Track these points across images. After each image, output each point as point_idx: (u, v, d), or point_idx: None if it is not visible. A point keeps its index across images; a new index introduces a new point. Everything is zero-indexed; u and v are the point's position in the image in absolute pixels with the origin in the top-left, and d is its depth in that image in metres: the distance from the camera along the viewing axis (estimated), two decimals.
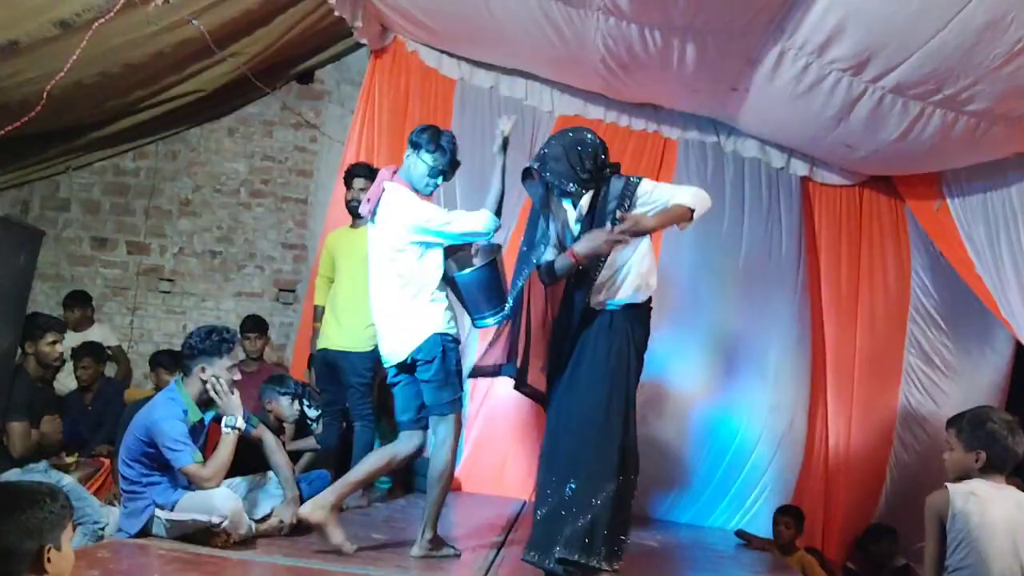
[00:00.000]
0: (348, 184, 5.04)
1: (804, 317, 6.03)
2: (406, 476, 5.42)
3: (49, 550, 1.95)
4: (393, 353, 3.61)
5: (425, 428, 3.65)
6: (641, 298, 3.58)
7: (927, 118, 4.76)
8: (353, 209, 4.90)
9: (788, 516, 5.30)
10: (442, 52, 6.13)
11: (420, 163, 3.65)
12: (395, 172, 3.72)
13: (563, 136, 3.52)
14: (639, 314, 3.59)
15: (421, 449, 3.68)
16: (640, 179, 3.52)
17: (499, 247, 3.87)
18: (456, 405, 3.59)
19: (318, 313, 5.09)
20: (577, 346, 3.53)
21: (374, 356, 4.83)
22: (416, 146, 3.67)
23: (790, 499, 5.65)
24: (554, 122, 6.16)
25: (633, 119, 6.20)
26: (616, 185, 3.50)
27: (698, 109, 6.03)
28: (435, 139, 3.66)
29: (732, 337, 5.90)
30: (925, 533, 3.15)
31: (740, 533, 5.46)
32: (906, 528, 5.54)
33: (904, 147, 5.12)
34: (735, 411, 5.82)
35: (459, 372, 3.60)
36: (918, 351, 6.13)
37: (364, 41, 5.98)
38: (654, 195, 3.48)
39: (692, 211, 3.46)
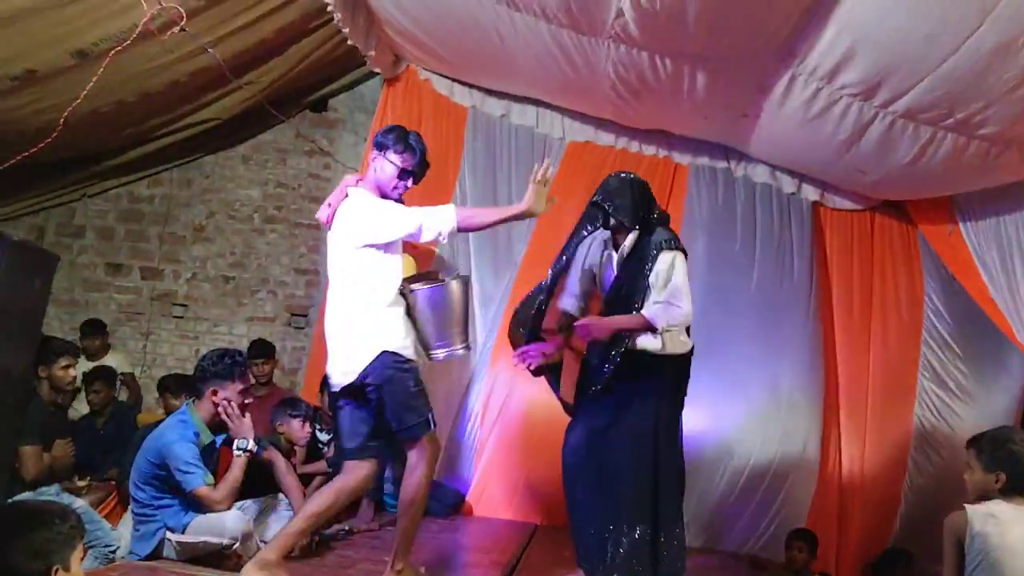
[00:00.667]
0: None
1: (816, 342, 6.00)
2: None
3: (57, 571, 1.94)
4: (340, 373, 3.26)
5: (374, 458, 3.29)
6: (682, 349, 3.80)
7: (939, 142, 4.75)
8: None
9: (801, 540, 5.23)
10: (454, 80, 6.17)
11: (387, 164, 3.36)
12: (360, 180, 3.45)
13: (626, 175, 3.85)
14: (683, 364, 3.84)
15: (370, 478, 3.32)
16: (674, 248, 3.69)
17: (468, 278, 3.56)
18: (423, 428, 3.22)
19: None
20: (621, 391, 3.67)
21: None
22: (382, 147, 3.39)
23: (803, 523, 5.59)
24: (564, 149, 6.19)
25: (644, 145, 6.22)
26: (659, 236, 3.71)
27: (709, 135, 6.04)
28: (402, 138, 3.38)
29: (745, 362, 5.85)
30: (943, 555, 3.10)
31: (754, 559, 5.41)
32: (923, 552, 5.46)
33: (916, 171, 5.10)
34: (748, 436, 5.77)
35: (421, 392, 3.24)
36: (932, 375, 6.07)
37: (377, 69, 6.03)
38: (660, 276, 3.64)
39: (653, 329, 3.63)
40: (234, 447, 3.59)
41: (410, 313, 3.31)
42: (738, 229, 6.11)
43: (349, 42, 5.51)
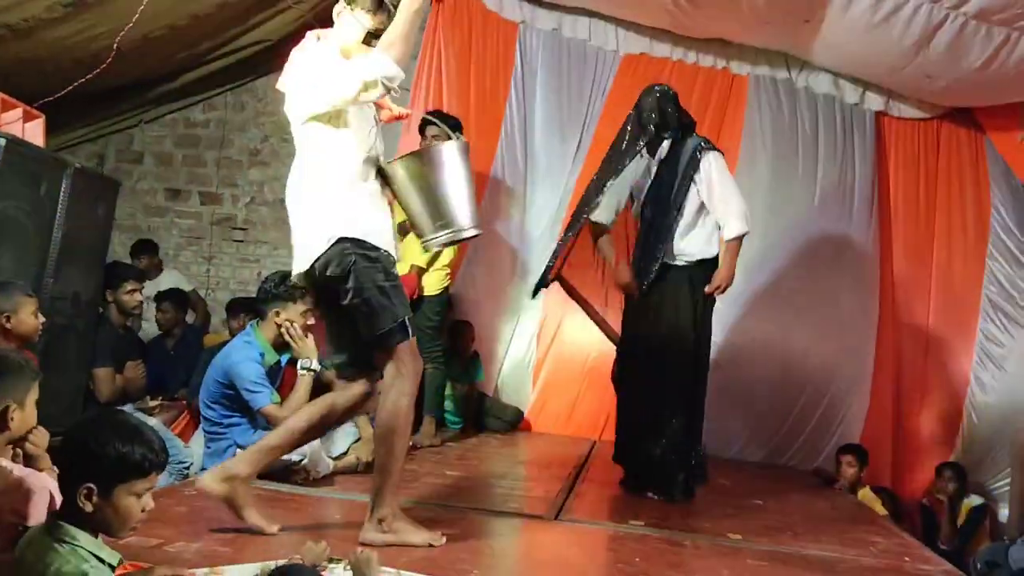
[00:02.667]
0: (422, 133, 4.89)
1: (875, 258, 5.88)
2: (477, 415, 5.47)
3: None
4: (297, 263, 2.73)
5: (365, 373, 2.78)
6: (713, 252, 4.00)
7: (1012, 45, 4.55)
8: None
9: (850, 455, 5.21)
10: None
11: (356, 24, 2.77)
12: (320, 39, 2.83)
13: (659, 88, 4.06)
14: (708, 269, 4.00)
15: (367, 396, 2.81)
16: (712, 151, 3.98)
17: (467, 145, 2.87)
18: (399, 334, 2.62)
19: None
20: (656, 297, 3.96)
21: (442, 299, 4.83)
22: (351, 0, 2.78)
23: (859, 439, 5.55)
24: (619, 61, 6.02)
25: (701, 55, 6.02)
26: (690, 145, 3.98)
27: (769, 43, 5.82)
28: None
29: (805, 278, 5.76)
30: (1011, 470, 3.05)
31: (818, 471, 5.41)
32: (986, 468, 5.41)
33: (987, 76, 4.89)
34: (808, 352, 5.70)
35: (394, 289, 2.65)
36: (998, 288, 5.89)
37: None
38: (706, 189, 3.92)
39: (741, 240, 3.96)
40: (298, 367, 3.64)
41: (396, 195, 2.80)
42: (800, 141, 5.94)
43: None
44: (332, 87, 2.61)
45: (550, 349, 5.82)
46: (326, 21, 6.15)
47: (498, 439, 5.32)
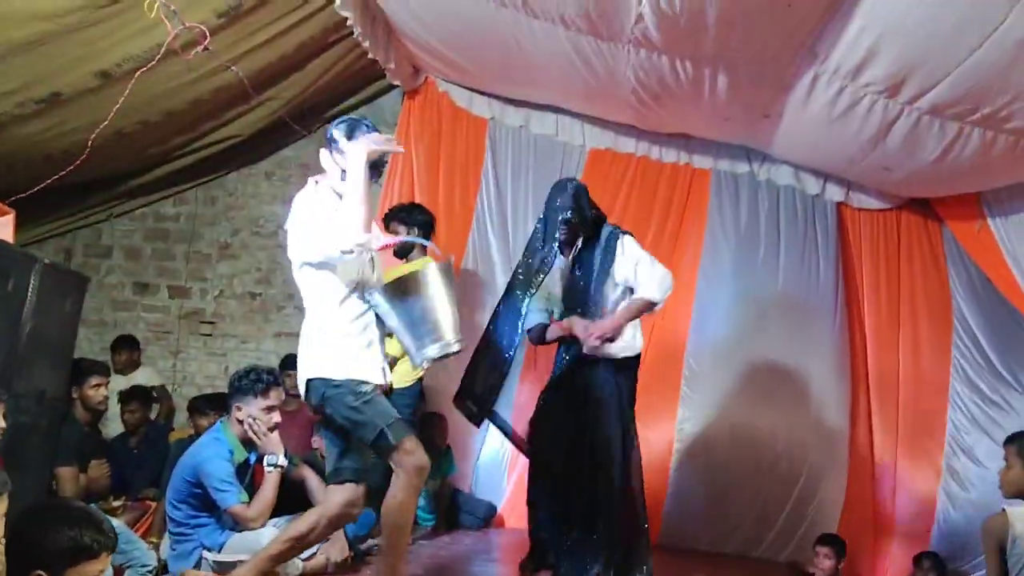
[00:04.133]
0: (387, 226, 4.97)
1: (844, 344, 5.95)
2: (450, 512, 5.38)
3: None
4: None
5: (351, 481, 3.11)
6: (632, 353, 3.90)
7: (966, 138, 4.68)
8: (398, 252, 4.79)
9: (827, 547, 5.14)
10: (473, 91, 6.17)
11: (337, 167, 3.07)
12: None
13: (571, 183, 4.03)
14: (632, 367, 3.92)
15: (353, 503, 3.12)
16: (625, 235, 3.92)
17: (445, 265, 3.12)
18: (383, 441, 2.96)
19: None
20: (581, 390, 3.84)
21: (414, 392, 4.81)
22: (332, 142, 3.08)
23: (836, 527, 5.52)
24: (586, 156, 6.17)
25: (664, 150, 6.18)
26: (603, 235, 3.91)
27: (730, 137, 6.00)
28: (352, 130, 3.06)
29: (772, 367, 5.82)
30: (985, 559, 3.05)
31: (794, 564, 5.35)
32: (962, 559, 5.39)
33: (943, 167, 5.04)
34: (779, 440, 5.72)
35: (366, 405, 2.99)
36: (963, 378, 5.97)
37: (396, 82, 6.04)
38: (628, 265, 3.83)
39: (654, 304, 3.80)
40: (264, 463, 3.59)
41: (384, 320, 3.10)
42: (762, 232, 6.07)
43: (369, 55, 5.52)
44: (318, 247, 2.97)
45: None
46: (296, 117, 6.31)
47: (471, 536, 5.23)
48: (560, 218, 3.87)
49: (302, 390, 3.09)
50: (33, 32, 4.23)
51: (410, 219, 4.77)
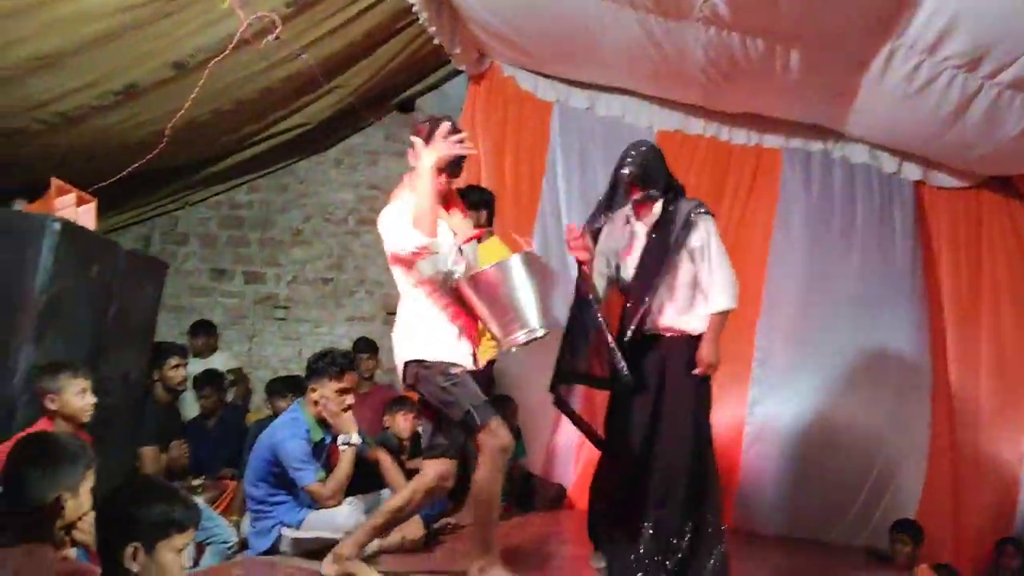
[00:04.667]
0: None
1: (923, 326, 5.79)
2: (521, 495, 5.41)
3: (137, 551, 1.95)
4: None
5: (445, 456, 3.26)
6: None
7: None
8: None
9: (904, 532, 5.05)
10: (538, 75, 6.15)
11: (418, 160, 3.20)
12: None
13: (646, 144, 3.88)
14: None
15: (446, 477, 3.26)
16: (708, 215, 3.72)
17: (528, 255, 3.19)
18: (470, 421, 3.14)
19: None
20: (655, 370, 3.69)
21: (487, 372, 4.84)
22: (413, 143, 3.25)
23: (914, 513, 5.41)
24: (654, 137, 6.10)
25: (734, 130, 6.08)
26: (684, 209, 3.71)
27: (802, 116, 5.87)
28: (431, 131, 3.18)
29: (849, 351, 5.70)
30: None
31: (871, 549, 5.26)
32: None
33: None
34: (855, 425, 5.61)
35: (456, 386, 3.17)
36: None
37: (462, 68, 6.06)
38: (703, 258, 3.66)
39: (728, 313, 3.69)
40: (338, 442, 3.65)
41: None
42: (837, 213, 5.94)
43: (435, 41, 5.55)
44: (393, 245, 3.15)
45: (592, 423, 5.76)
46: (364, 104, 6.36)
47: (541, 518, 5.24)
48: (625, 172, 3.73)
49: (400, 371, 3.26)
50: (109, 26, 4.35)
51: (468, 203, 4.79)
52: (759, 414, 5.60)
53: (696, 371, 3.61)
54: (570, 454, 5.74)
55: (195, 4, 4.48)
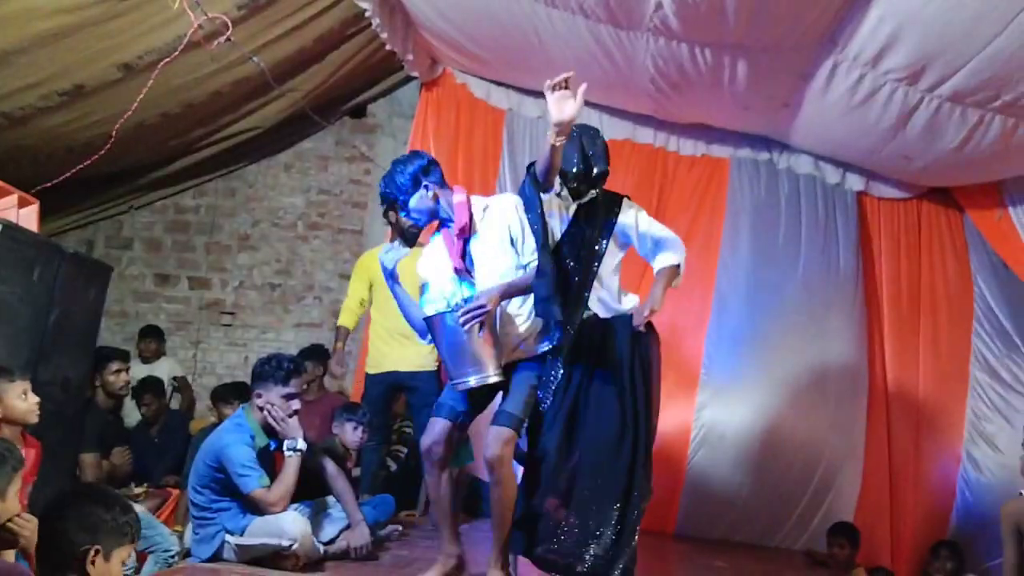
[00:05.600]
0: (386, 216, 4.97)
1: (863, 333, 5.93)
2: (469, 500, 5.39)
3: (97, 553, 1.93)
4: None
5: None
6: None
7: (987, 126, 4.67)
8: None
9: (841, 535, 5.15)
10: (491, 82, 6.19)
11: None
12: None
13: (585, 128, 3.61)
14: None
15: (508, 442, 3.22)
16: (628, 206, 3.51)
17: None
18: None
19: (341, 334, 5.03)
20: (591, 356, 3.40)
21: (432, 375, 4.85)
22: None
23: (852, 517, 5.53)
24: None
25: (683, 140, 6.18)
26: (609, 196, 3.51)
27: (749, 127, 5.99)
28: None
29: (791, 356, 5.82)
30: (1002, 544, 3.06)
31: (809, 552, 5.36)
32: (981, 545, 5.38)
33: (963, 156, 5.02)
34: (796, 430, 5.71)
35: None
36: (984, 366, 5.96)
37: (415, 74, 6.07)
38: (640, 230, 3.48)
39: (679, 267, 3.51)
40: (284, 448, 3.62)
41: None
42: (782, 221, 6.06)
43: (387, 47, 5.55)
44: None
45: None
46: (315, 109, 6.33)
47: (488, 523, 5.24)
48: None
49: None
50: (56, 25, 4.29)
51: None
52: (706, 420, 5.69)
53: (639, 319, 3.37)
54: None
55: (145, 5, 4.43)
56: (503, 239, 3.30)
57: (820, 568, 5.10)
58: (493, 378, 3.14)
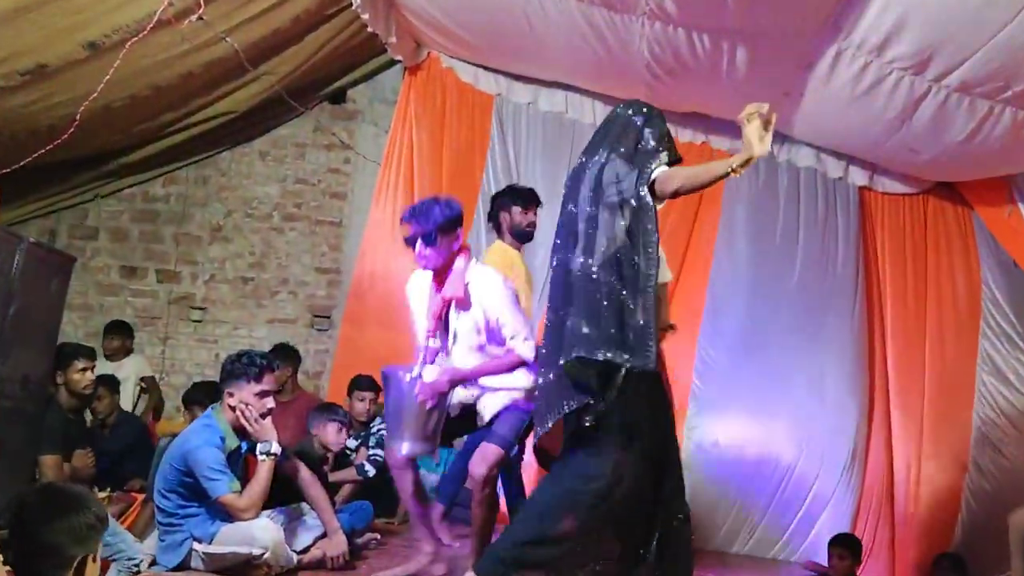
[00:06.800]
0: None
1: (862, 336, 5.94)
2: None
3: (91, 558, 2.00)
4: None
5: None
6: None
7: (996, 117, 4.69)
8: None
9: (841, 547, 5.16)
10: (479, 67, 6.16)
11: None
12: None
13: None
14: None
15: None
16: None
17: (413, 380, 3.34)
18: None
19: None
20: None
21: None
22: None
23: (851, 527, 5.54)
24: None
25: (680, 129, 6.15)
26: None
27: None
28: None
29: (787, 358, 5.82)
30: (1011, 555, 3.05)
31: (810, 564, 5.37)
32: (987, 557, 5.39)
33: (971, 149, 5.04)
34: (793, 437, 5.72)
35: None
36: (991, 368, 5.99)
37: (398, 58, 6.03)
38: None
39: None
40: (257, 451, 3.58)
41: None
42: (780, 216, 6.07)
43: (368, 29, 5.51)
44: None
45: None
46: (292, 94, 6.28)
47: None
48: None
49: None
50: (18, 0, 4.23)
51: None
52: (698, 425, 5.69)
53: None
54: None
55: None
56: (477, 321, 3.37)
57: None
58: (426, 453, 3.42)
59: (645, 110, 3.35)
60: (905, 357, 6.02)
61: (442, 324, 3.44)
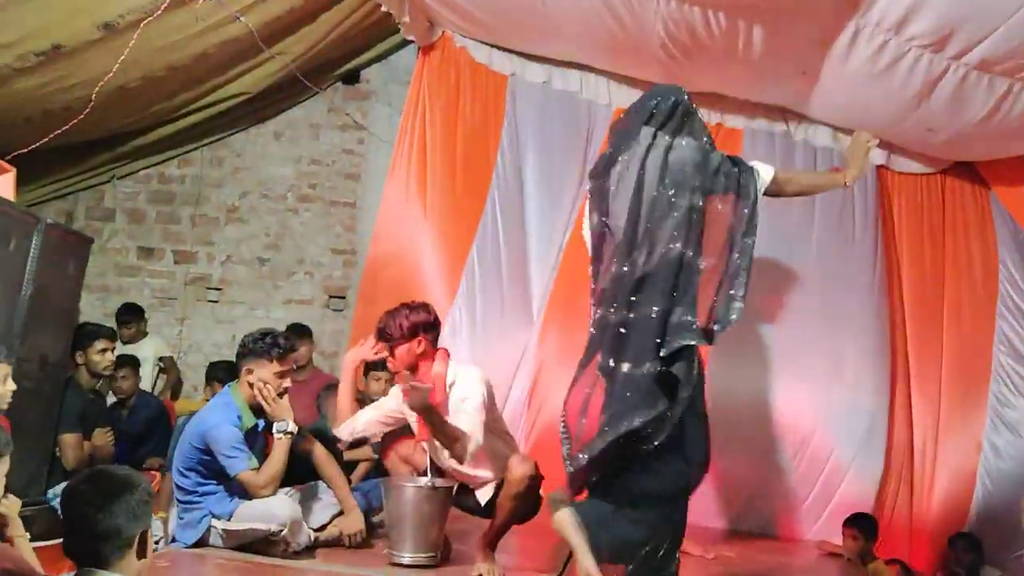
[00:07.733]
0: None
1: (882, 314, 5.90)
2: None
3: (147, 533, 2.04)
4: None
5: None
6: None
7: (1015, 96, 4.65)
8: None
9: (854, 528, 5.12)
10: (492, 47, 6.13)
11: None
12: None
13: None
14: None
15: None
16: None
17: (432, 487, 3.58)
18: None
19: None
20: None
21: None
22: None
23: (871, 507, 5.52)
24: (611, 115, 6.12)
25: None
26: None
27: (765, 96, 5.94)
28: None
29: (805, 338, 5.79)
30: None
31: (823, 543, 5.37)
32: (1002, 537, 5.39)
33: (991, 128, 5.00)
34: (810, 416, 5.70)
35: None
36: (1008, 348, 5.94)
37: (411, 38, 6.02)
38: None
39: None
40: (274, 430, 3.62)
41: None
42: (797, 199, 6.01)
43: (382, 9, 5.50)
44: None
45: (538, 418, 5.77)
46: (306, 74, 6.29)
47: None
48: None
49: None
50: None
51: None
52: (711, 404, 5.66)
53: None
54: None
55: None
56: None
57: (834, 559, 5.10)
58: (428, 561, 3.48)
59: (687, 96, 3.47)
60: (922, 337, 5.98)
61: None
